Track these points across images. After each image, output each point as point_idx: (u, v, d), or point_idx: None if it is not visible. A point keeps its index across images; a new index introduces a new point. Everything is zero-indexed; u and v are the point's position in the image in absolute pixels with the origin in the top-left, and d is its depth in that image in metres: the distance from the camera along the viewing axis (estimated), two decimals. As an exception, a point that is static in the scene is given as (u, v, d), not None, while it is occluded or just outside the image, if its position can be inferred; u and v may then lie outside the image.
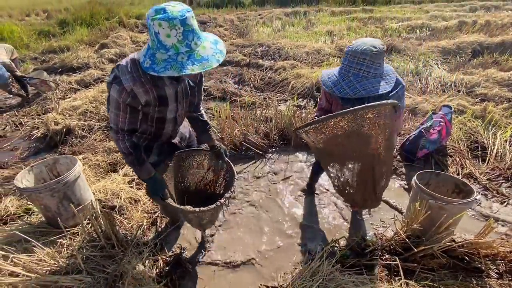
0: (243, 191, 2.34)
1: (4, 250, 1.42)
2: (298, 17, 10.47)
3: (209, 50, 1.08)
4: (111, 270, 1.43)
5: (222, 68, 5.49)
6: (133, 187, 2.15)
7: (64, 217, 1.68)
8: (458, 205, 1.57)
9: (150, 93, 1.19)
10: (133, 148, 1.28)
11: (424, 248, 1.57)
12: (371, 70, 1.33)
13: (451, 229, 1.57)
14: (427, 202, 1.63)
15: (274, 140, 2.87)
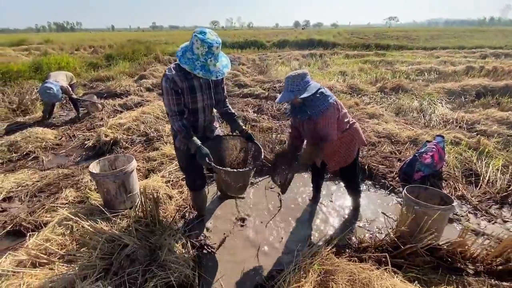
0: (257, 198, 2.72)
1: (81, 219, 1.88)
2: (314, 59, 11.43)
3: (216, 68, 1.65)
4: (153, 241, 1.83)
5: (244, 100, 6.18)
6: (169, 186, 2.61)
7: (118, 201, 2.14)
8: (437, 210, 1.88)
9: (183, 82, 1.74)
10: (184, 126, 1.79)
11: (410, 246, 1.85)
12: (294, 86, 1.90)
13: (432, 230, 1.85)
14: (413, 208, 1.96)
15: (287, 159, 3.29)
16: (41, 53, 13.16)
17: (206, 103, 1.90)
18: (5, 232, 2.23)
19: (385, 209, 2.55)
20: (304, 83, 1.88)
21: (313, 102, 1.90)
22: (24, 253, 1.59)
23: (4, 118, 4.88)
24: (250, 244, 2.15)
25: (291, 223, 2.40)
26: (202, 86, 1.84)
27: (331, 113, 1.91)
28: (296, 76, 1.90)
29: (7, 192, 2.65)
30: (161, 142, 3.70)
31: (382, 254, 1.91)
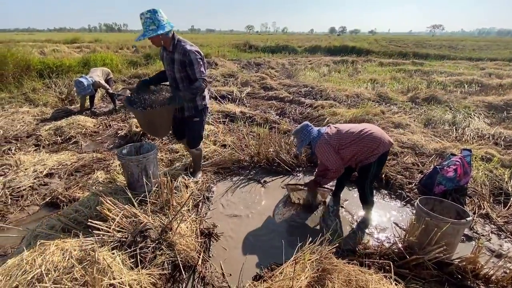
0: (270, 196, 2.79)
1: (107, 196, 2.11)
2: (345, 65, 11.21)
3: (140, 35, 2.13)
4: (165, 223, 1.99)
5: (268, 102, 6.28)
6: (188, 175, 2.79)
7: (139, 184, 2.35)
8: (449, 223, 1.80)
9: (160, 52, 2.43)
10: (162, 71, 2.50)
11: (416, 257, 1.80)
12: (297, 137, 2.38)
13: (442, 243, 1.78)
14: (424, 219, 1.90)
15: (303, 161, 3.32)
16: (90, 50, 14.51)
17: (170, 73, 2.38)
18: (44, 203, 2.56)
19: (398, 220, 2.48)
20: (302, 136, 2.32)
21: (313, 144, 2.32)
22: (57, 219, 1.83)
23: (54, 106, 5.50)
24: (256, 237, 2.23)
25: (299, 220, 2.43)
26: (166, 59, 2.34)
27: (322, 149, 2.23)
28: (297, 132, 2.38)
29: (49, 169, 3.02)
30: (184, 136, 3.93)
31: (386, 262, 1.88)
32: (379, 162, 2.24)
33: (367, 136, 2.17)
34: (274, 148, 3.33)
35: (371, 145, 2.16)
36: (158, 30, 2.11)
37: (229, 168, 3.24)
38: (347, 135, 2.23)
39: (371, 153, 2.18)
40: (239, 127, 4.59)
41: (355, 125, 2.33)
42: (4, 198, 2.50)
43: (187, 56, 2.21)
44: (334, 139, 2.25)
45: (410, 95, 6.25)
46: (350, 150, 2.22)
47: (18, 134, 4.03)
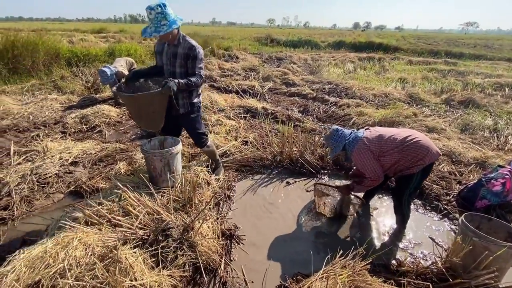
0: (294, 198, 2.66)
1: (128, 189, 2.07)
2: (371, 62, 10.72)
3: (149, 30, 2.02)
4: (187, 221, 1.92)
5: (290, 98, 6.10)
6: (209, 172, 2.71)
7: (162, 179, 2.29)
8: (503, 246, 1.59)
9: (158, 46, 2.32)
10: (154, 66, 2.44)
11: (461, 281, 1.62)
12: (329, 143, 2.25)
13: (493, 268, 1.58)
14: (471, 239, 1.70)
15: (328, 163, 3.15)
16: (115, 40, 14.84)
17: (169, 68, 2.29)
18: (68, 191, 2.57)
19: (435, 235, 2.28)
20: (334, 141, 2.18)
21: (349, 149, 2.14)
22: (80, 211, 1.81)
23: (80, 94, 5.62)
24: (279, 242, 2.12)
25: (326, 228, 2.29)
26: (168, 53, 2.25)
27: (361, 155, 2.05)
28: (327, 138, 2.25)
29: (74, 157, 3.05)
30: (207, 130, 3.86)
31: (425, 283, 1.70)
32: (423, 174, 2.03)
33: (413, 144, 1.97)
34: (298, 148, 3.18)
35: (417, 154, 1.96)
36: (172, 25, 2.06)
37: (251, 166, 3.13)
38: (390, 141, 2.03)
39: (416, 163, 1.98)
40: (261, 123, 4.47)
41: (399, 130, 2.13)
42: (31, 184, 2.54)
43: (192, 51, 2.20)
44: (374, 145, 2.05)
45: (444, 97, 5.83)
46: (392, 158, 2.03)
47: (46, 120, 4.13)
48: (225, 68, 8.71)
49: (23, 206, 2.34)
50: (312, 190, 2.78)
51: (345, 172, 3.11)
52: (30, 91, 5.45)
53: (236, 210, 2.44)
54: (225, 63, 9.38)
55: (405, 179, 2.10)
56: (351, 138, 2.17)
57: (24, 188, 2.46)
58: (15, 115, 4.22)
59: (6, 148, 3.29)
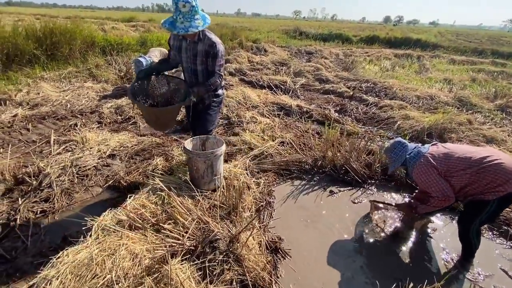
0: (341, 210, 2.44)
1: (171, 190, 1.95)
2: (410, 60, 10.02)
3: (182, 25, 1.86)
4: (233, 231, 1.76)
5: (324, 96, 5.79)
6: (248, 175, 2.55)
7: (204, 181, 2.15)
8: None
9: (175, 41, 2.17)
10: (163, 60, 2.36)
11: None
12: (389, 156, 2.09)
13: None
14: None
15: (376, 173, 2.88)
16: (145, 29, 15.01)
17: (190, 66, 2.17)
18: (106, 185, 2.52)
19: (506, 264, 1.98)
20: (395, 155, 2.01)
21: (410, 165, 1.95)
22: (124, 213, 1.70)
23: (114, 83, 5.65)
24: (331, 258, 1.92)
25: (383, 249, 2.06)
26: (188, 50, 2.11)
27: (423, 172, 1.84)
28: (387, 150, 2.09)
29: (112, 150, 3.00)
30: (241, 128, 3.70)
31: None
32: (501, 203, 1.73)
33: (493, 166, 1.67)
34: (343, 153, 2.92)
35: (496, 178, 1.66)
36: (206, 21, 1.96)
37: (290, 170, 2.93)
38: (461, 160, 1.75)
39: (493, 188, 1.68)
40: (295, 122, 4.23)
41: (475, 149, 1.84)
42: (71, 177, 2.51)
43: (213, 48, 2.07)
44: (440, 162, 1.81)
45: (499, 102, 5.25)
46: (461, 180, 1.76)
47: (83, 109, 4.16)
48: (255, 62, 8.48)
49: (63, 198, 2.31)
50: (359, 202, 2.55)
51: (395, 184, 2.83)
52: (67, 78, 5.55)
53: (277, 218, 2.26)
54: (254, 56, 9.14)
55: (477, 206, 1.81)
56: (414, 153, 1.94)
57: (64, 180, 2.43)
58: (53, 102, 4.29)
59: (45, 136, 3.33)
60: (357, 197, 2.64)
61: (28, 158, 2.83)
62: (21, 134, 3.40)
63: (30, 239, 1.93)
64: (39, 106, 4.16)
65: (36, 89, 4.69)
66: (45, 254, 1.80)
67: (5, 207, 2.17)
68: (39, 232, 2.00)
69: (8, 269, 1.70)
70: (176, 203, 1.72)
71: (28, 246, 1.88)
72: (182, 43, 2.13)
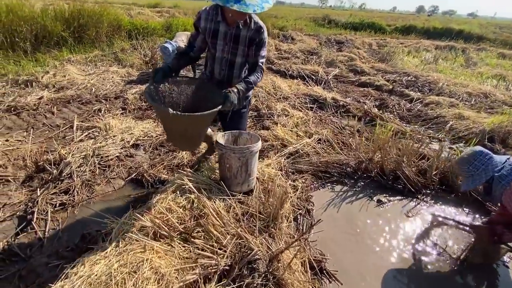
0: (395, 224, 2.08)
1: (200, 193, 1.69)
2: (454, 53, 9.09)
3: (254, 2, 1.41)
4: (274, 250, 1.47)
5: (360, 89, 5.29)
6: (283, 175, 2.24)
7: (236, 181, 1.87)
8: None
9: (209, 23, 1.67)
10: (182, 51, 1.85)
11: None
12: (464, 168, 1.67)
13: None
14: None
15: (432, 181, 2.46)
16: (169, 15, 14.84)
17: (226, 56, 1.76)
18: (129, 178, 2.31)
19: None
20: (474, 168, 1.61)
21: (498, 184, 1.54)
22: (148, 219, 1.46)
23: (139, 68, 5.49)
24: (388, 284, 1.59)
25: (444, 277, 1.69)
26: (227, 36, 1.69)
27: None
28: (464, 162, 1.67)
29: (135, 139, 2.79)
30: (272, 121, 3.38)
31: None
32: None
33: None
34: (394, 156, 2.52)
35: None
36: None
37: (329, 173, 2.58)
38: None
39: None
40: (329, 116, 3.83)
41: None
42: (93, 167, 2.32)
43: (260, 34, 1.68)
44: None
45: None
46: None
47: (108, 94, 4.01)
48: (282, 50, 8.02)
49: (83, 191, 2.12)
50: (413, 216, 2.17)
51: (455, 196, 2.40)
52: (93, 62, 5.45)
53: (320, 232, 1.94)
54: (282, 44, 8.67)
55: None
56: (507, 170, 1.51)
57: (85, 171, 2.25)
58: (79, 86, 4.17)
59: (69, 121, 3.19)
60: (411, 209, 2.25)
61: (51, 143, 2.69)
62: (45, 118, 3.29)
63: (47, 236, 1.75)
64: (65, 89, 4.05)
65: (63, 72, 4.60)
66: (61, 255, 1.61)
67: (24, 196, 2.02)
68: (57, 228, 1.82)
69: (21, 270, 1.52)
70: (209, 211, 1.45)
71: (44, 244, 1.70)
72: (219, 26, 1.66)
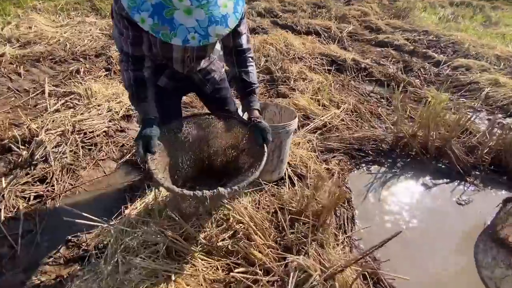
0: (446, 214, 1.76)
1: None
2: (472, 9, 8.30)
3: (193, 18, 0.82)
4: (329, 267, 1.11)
5: (378, 50, 4.68)
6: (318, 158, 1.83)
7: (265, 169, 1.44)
8: None
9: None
10: (137, 80, 1.08)
11: None
12: None
13: None
14: None
15: (483, 161, 2.11)
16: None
17: (189, 55, 1.14)
18: (123, 160, 1.85)
19: None
20: None
21: None
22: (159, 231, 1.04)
23: (122, 20, 4.62)
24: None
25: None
26: None
27: None
28: None
29: (126, 109, 2.26)
30: (288, 87, 2.86)
31: None
32: None
33: None
34: (444, 132, 2.12)
35: None
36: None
37: (363, 151, 2.18)
38: None
39: None
40: (350, 81, 3.33)
41: None
42: (74, 147, 1.83)
43: None
44: None
45: None
46: None
47: (86, 51, 3.30)
48: (286, 1, 7.04)
49: (65, 178, 1.66)
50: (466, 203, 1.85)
51: (508, 178, 2.08)
52: (65, 11, 4.53)
53: (367, 228, 1.60)
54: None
55: None
56: None
57: (65, 152, 1.76)
58: (49, 40, 3.42)
59: (40, 84, 2.58)
60: (461, 194, 1.92)
61: (18, 114, 2.14)
62: (10, 81, 2.66)
63: (21, 241, 1.34)
64: (32, 45, 3.31)
65: (28, 23, 3.77)
66: (42, 271, 1.22)
67: (-16, 188, 1.55)
68: (33, 229, 1.40)
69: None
70: (250, 228, 1.03)
71: (17, 253, 1.29)
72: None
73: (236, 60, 1.22)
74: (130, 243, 1.05)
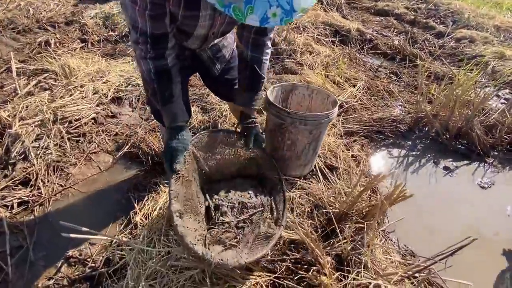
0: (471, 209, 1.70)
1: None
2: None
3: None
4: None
5: (377, 19, 4.40)
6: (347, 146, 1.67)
7: (298, 163, 1.27)
8: None
9: None
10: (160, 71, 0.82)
11: None
12: None
13: None
14: None
15: (502, 141, 2.06)
16: None
17: (215, 31, 0.95)
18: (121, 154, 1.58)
19: None
20: None
21: None
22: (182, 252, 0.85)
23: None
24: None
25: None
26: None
27: None
28: None
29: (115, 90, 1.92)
30: (294, 61, 2.60)
31: None
32: None
33: None
34: (466, 112, 2.01)
35: None
36: None
37: (382, 133, 2.05)
38: None
39: None
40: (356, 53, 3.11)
41: None
42: (59, 139, 1.52)
43: None
44: None
45: None
46: None
47: (54, 17, 2.77)
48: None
49: (52, 178, 1.39)
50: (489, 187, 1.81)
51: (525, 158, 2.05)
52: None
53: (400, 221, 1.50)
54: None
55: None
56: None
57: (48, 146, 1.45)
58: (7, 5, 2.83)
59: (4, 59, 2.13)
60: (482, 176, 1.88)
61: (-20, 99, 1.75)
62: (-38, 55, 2.18)
63: (11, 261, 1.10)
64: (-16, 9, 2.73)
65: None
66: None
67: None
68: (24, 245, 1.16)
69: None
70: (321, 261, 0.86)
71: (10, 277, 1.06)
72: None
73: (253, 41, 1.01)
74: (155, 267, 0.85)
